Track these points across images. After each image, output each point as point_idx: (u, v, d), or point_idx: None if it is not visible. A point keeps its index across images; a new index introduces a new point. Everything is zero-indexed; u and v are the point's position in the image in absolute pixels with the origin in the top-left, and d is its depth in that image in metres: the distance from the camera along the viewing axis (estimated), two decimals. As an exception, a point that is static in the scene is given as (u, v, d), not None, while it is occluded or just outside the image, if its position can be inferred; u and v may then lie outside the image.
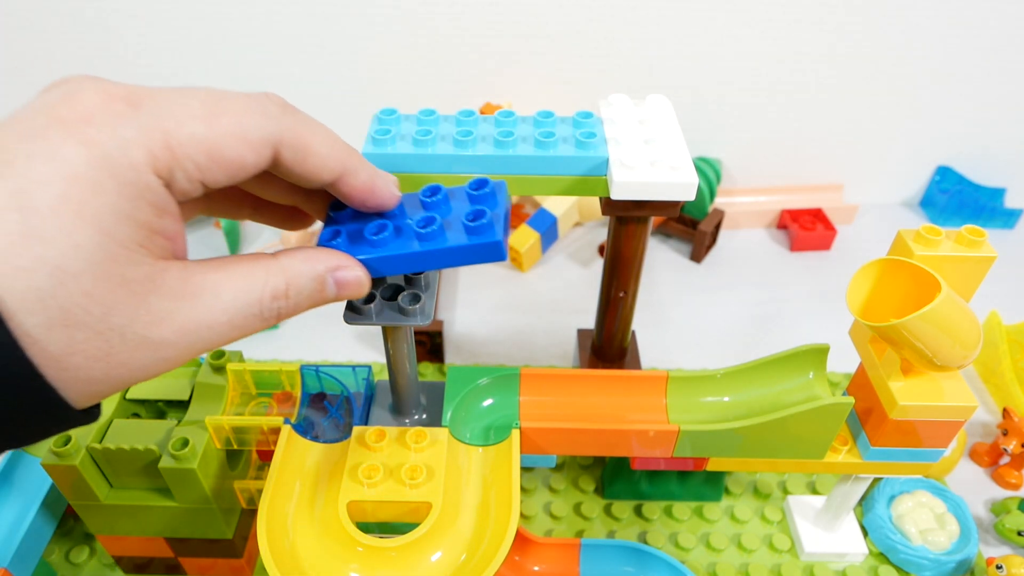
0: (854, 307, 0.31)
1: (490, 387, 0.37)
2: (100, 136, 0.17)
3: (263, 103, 0.20)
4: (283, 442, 0.33)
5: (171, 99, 0.19)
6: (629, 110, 0.37)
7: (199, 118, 0.19)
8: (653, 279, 0.64)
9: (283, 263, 0.22)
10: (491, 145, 0.34)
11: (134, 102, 0.18)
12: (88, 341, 0.17)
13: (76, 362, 0.17)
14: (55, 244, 0.16)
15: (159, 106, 0.18)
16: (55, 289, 0.16)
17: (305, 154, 0.21)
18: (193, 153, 0.18)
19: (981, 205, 0.70)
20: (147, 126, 0.18)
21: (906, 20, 0.62)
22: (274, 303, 0.21)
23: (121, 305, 0.17)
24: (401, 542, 0.29)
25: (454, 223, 0.26)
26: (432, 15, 0.62)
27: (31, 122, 0.17)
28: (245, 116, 0.20)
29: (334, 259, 0.23)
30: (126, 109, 0.18)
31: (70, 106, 0.18)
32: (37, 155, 0.16)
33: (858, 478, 0.39)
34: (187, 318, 0.19)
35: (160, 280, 0.18)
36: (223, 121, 0.19)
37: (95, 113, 0.17)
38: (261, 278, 0.21)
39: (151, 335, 0.18)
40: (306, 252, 0.23)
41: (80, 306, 0.17)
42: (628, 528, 0.44)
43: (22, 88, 0.69)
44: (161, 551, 0.38)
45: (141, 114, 0.18)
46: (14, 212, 0.16)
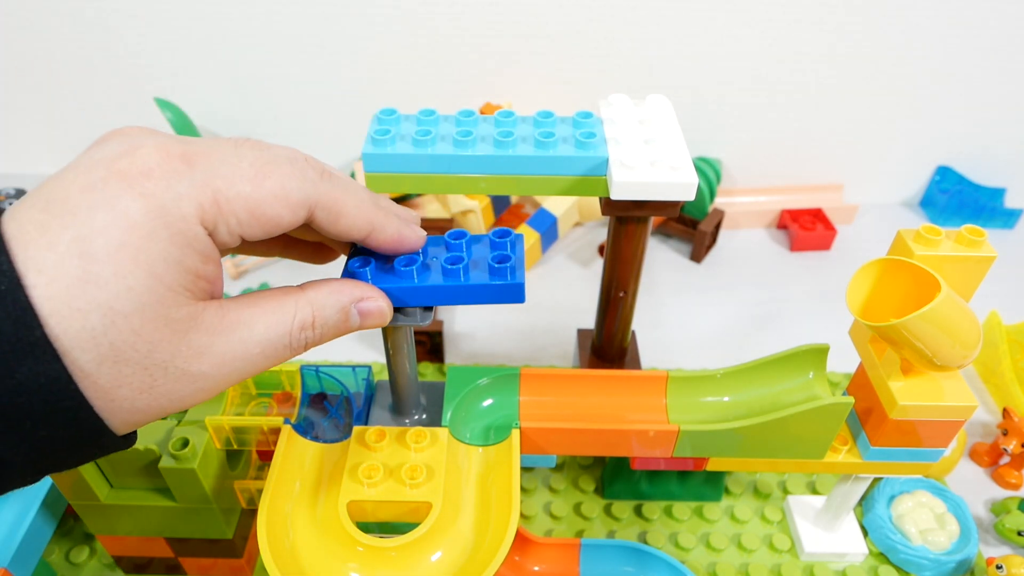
0: (854, 307, 0.31)
1: (490, 387, 0.37)
2: (157, 189, 0.19)
3: (303, 168, 0.22)
4: (283, 442, 0.33)
5: (223, 158, 0.21)
6: (629, 110, 0.37)
7: (247, 179, 0.21)
8: (653, 279, 0.64)
9: (310, 296, 0.24)
10: (491, 145, 0.34)
11: (190, 160, 0.20)
12: (134, 375, 0.19)
13: (123, 394, 0.19)
14: (110, 287, 0.18)
15: (212, 165, 0.20)
16: (107, 328, 0.18)
17: (337, 216, 0.23)
18: (238, 210, 0.20)
19: (981, 205, 0.70)
20: (200, 183, 0.20)
21: (906, 20, 0.62)
22: (302, 334, 0.23)
23: (165, 342, 0.20)
24: (401, 542, 0.29)
25: (479, 263, 0.29)
26: (432, 15, 0.62)
27: (91, 174, 0.19)
28: (287, 180, 0.21)
29: (358, 290, 0.25)
30: (182, 166, 0.20)
31: (130, 160, 0.19)
32: (98, 206, 0.18)
33: (858, 478, 0.39)
34: (223, 351, 0.21)
35: (200, 319, 0.20)
36: (267, 184, 0.21)
37: (154, 169, 0.19)
38: (290, 311, 0.23)
39: (191, 368, 0.20)
40: (331, 284, 0.25)
41: (128, 344, 0.19)
42: (628, 528, 0.44)
43: (22, 88, 0.69)
44: (161, 551, 0.38)
45: (195, 172, 0.20)
46: (75, 258, 0.18)
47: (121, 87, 0.68)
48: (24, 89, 0.69)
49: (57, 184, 0.19)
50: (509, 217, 0.69)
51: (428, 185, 0.34)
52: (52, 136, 0.72)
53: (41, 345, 0.17)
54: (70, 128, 0.72)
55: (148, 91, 0.67)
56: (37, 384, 0.18)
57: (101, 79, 0.67)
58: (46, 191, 0.19)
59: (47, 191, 0.19)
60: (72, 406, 0.18)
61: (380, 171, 0.34)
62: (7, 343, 0.17)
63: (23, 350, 0.17)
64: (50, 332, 0.18)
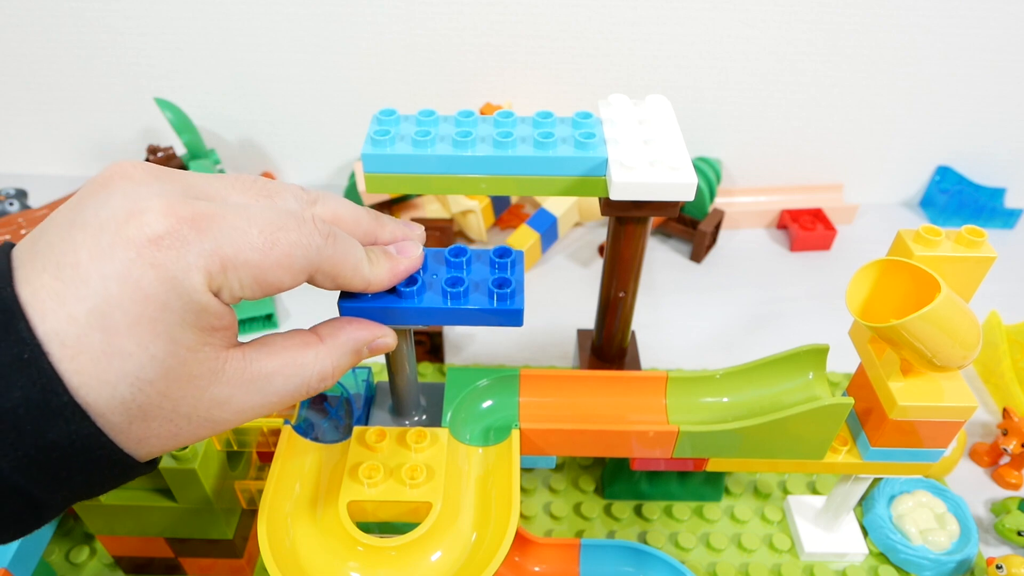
0: (854, 307, 0.31)
1: (490, 388, 0.37)
2: (167, 260, 0.19)
3: (311, 234, 0.23)
4: (283, 443, 0.33)
5: (233, 224, 0.21)
6: (628, 110, 0.37)
7: (256, 248, 0.21)
8: (653, 279, 0.64)
9: (328, 345, 0.25)
10: (490, 146, 0.34)
11: (199, 225, 0.20)
12: (161, 427, 0.21)
13: (151, 443, 0.21)
14: (135, 358, 0.19)
15: (222, 231, 0.20)
16: (135, 395, 0.19)
17: (335, 277, 0.24)
18: (243, 276, 0.21)
19: (981, 205, 0.70)
20: (209, 252, 0.20)
21: (906, 20, 0.62)
22: (320, 384, 0.25)
23: (189, 398, 0.21)
24: (401, 542, 0.30)
25: (480, 285, 0.30)
26: (432, 15, 0.62)
27: (99, 239, 0.19)
28: (294, 248, 0.22)
29: (371, 332, 0.27)
30: (191, 233, 0.20)
31: (138, 226, 0.19)
32: (111, 276, 0.19)
33: (858, 478, 0.39)
34: (243, 401, 0.22)
35: (222, 372, 0.21)
36: (275, 252, 0.21)
37: (163, 237, 0.19)
38: (310, 364, 0.24)
39: (213, 416, 0.22)
40: (347, 329, 0.26)
41: (156, 404, 0.20)
42: (628, 528, 0.44)
43: (22, 88, 0.69)
44: (161, 551, 0.38)
45: (204, 239, 0.20)
46: (98, 332, 0.18)
47: (121, 87, 0.68)
48: (24, 89, 0.69)
49: (66, 246, 0.19)
50: (509, 217, 0.69)
51: (428, 186, 0.34)
52: (52, 136, 0.72)
53: (70, 408, 0.18)
54: (70, 128, 0.72)
55: (148, 91, 0.67)
56: (69, 441, 0.19)
57: (101, 79, 0.67)
58: (55, 253, 0.19)
59: (56, 253, 0.19)
60: (105, 454, 0.20)
61: (380, 172, 0.34)
62: (36, 408, 0.18)
63: (52, 413, 0.18)
64: (80, 400, 0.19)
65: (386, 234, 0.28)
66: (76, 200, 0.20)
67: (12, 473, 0.18)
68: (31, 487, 0.19)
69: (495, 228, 0.69)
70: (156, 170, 0.21)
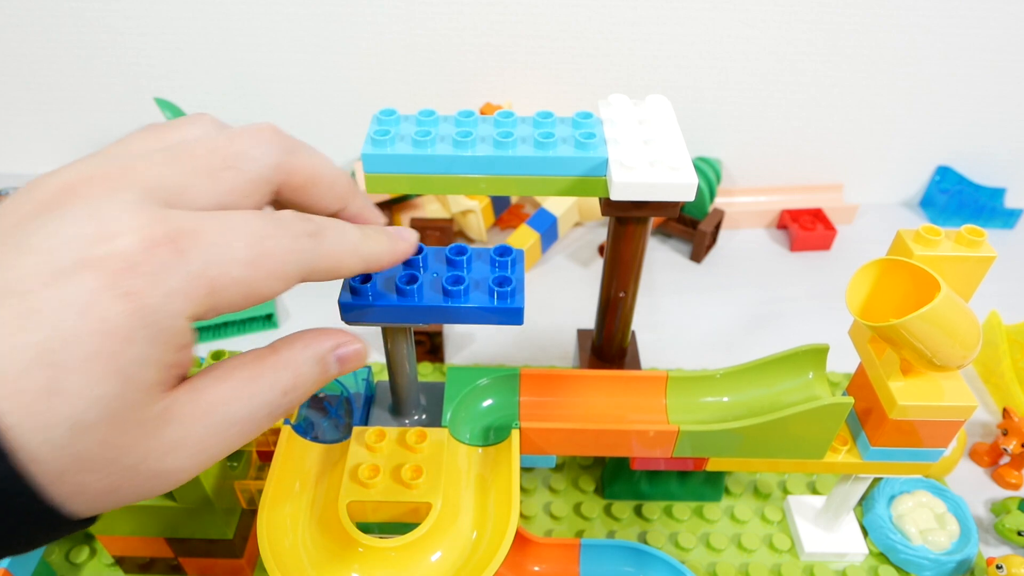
0: (853, 307, 0.31)
1: (490, 387, 0.37)
2: (143, 287, 0.17)
3: (299, 235, 0.20)
4: (283, 442, 0.33)
5: (216, 239, 0.18)
6: (628, 110, 0.37)
7: (243, 262, 0.19)
8: (653, 279, 0.64)
9: (284, 357, 0.22)
10: (491, 146, 0.34)
11: (179, 247, 0.17)
12: (99, 482, 0.17)
13: (85, 499, 0.17)
14: (78, 399, 0.16)
15: (205, 251, 0.18)
16: (72, 441, 0.16)
17: (332, 271, 0.22)
18: (233, 295, 0.19)
19: (981, 205, 0.70)
20: (194, 275, 0.17)
21: (906, 20, 0.62)
22: (285, 399, 0.21)
23: (134, 445, 0.18)
24: (401, 542, 0.30)
25: (481, 284, 0.30)
26: (431, 15, 0.62)
27: (56, 258, 0.16)
28: (285, 255, 0.20)
29: (332, 339, 0.23)
30: (171, 257, 0.17)
31: (108, 249, 0.16)
32: (70, 305, 0.16)
33: (858, 478, 0.39)
34: (199, 440, 0.19)
35: (172, 411, 0.18)
36: (265, 264, 0.19)
37: (138, 262, 0.17)
38: (269, 380, 0.21)
39: (163, 466, 0.18)
40: (305, 339, 0.23)
41: (95, 454, 0.17)
42: (628, 528, 0.44)
43: (22, 88, 0.69)
44: (161, 551, 0.38)
45: (187, 261, 0.17)
46: (46, 368, 0.16)
47: (121, 87, 0.68)
48: (24, 89, 0.69)
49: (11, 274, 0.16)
50: (509, 217, 0.69)
51: (428, 186, 0.34)
52: (52, 136, 0.72)
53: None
54: (70, 128, 0.72)
55: (148, 91, 0.67)
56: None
57: (101, 79, 0.67)
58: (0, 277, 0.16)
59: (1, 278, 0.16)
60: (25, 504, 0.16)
61: (380, 172, 0.34)
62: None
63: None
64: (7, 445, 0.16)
65: (356, 204, 0.26)
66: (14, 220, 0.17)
67: None
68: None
69: (495, 228, 0.69)
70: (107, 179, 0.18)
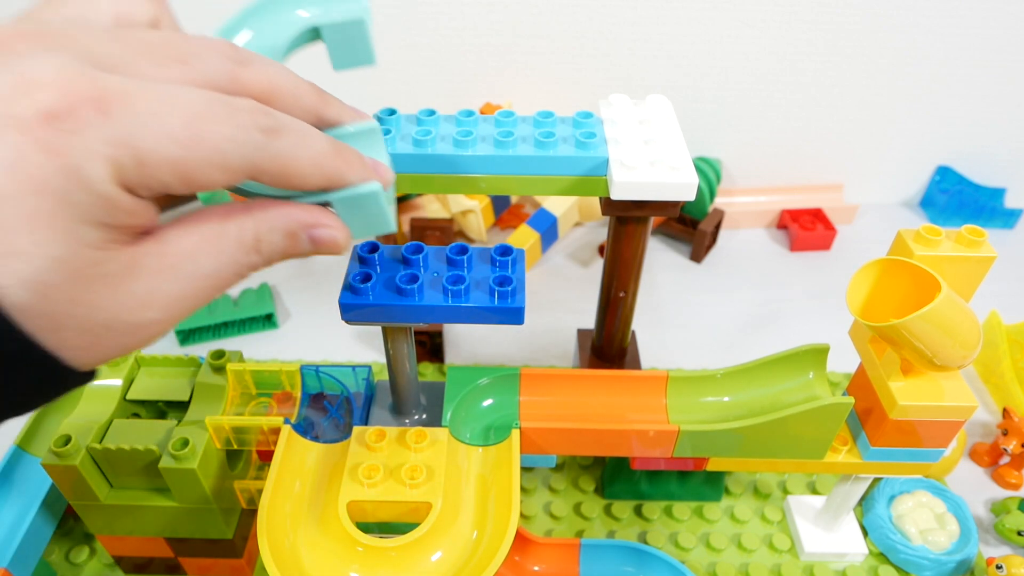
0: (854, 307, 0.31)
1: (490, 387, 0.37)
2: (64, 146, 0.16)
3: (246, 127, 0.19)
4: (283, 442, 0.33)
5: (148, 109, 0.17)
6: (629, 110, 0.37)
7: (176, 139, 0.17)
8: (653, 279, 0.64)
9: (255, 217, 0.21)
10: (491, 145, 0.34)
11: (105, 107, 0.16)
12: (77, 338, 0.17)
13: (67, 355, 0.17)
14: (34, 260, 0.16)
15: (135, 117, 0.17)
16: (39, 302, 0.16)
17: (286, 178, 0.20)
18: (164, 174, 0.17)
19: (981, 205, 0.70)
20: (117, 140, 0.16)
21: (906, 20, 0.62)
22: (247, 258, 0.20)
23: (104, 301, 0.17)
24: (401, 542, 0.30)
25: (481, 283, 0.30)
26: (431, 15, 0.62)
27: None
28: (227, 144, 0.18)
29: (309, 215, 0.22)
30: (94, 115, 0.16)
31: (29, 102, 0.16)
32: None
33: (858, 478, 0.39)
34: (169, 293, 0.19)
35: (140, 264, 0.18)
36: (203, 147, 0.18)
37: (58, 116, 0.16)
38: (234, 235, 0.20)
39: (137, 319, 0.18)
40: (280, 205, 0.21)
41: (65, 312, 0.17)
42: (628, 528, 0.44)
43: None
44: (161, 551, 0.38)
45: (111, 123, 0.16)
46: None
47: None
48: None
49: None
50: (509, 217, 0.69)
51: (428, 185, 0.34)
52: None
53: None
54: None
55: (148, 91, 0.67)
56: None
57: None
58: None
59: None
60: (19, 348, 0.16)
61: (380, 171, 0.34)
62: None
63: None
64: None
65: (331, 112, 0.24)
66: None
67: None
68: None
69: (495, 228, 0.69)
70: (43, 37, 0.17)
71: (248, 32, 0.29)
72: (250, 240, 0.20)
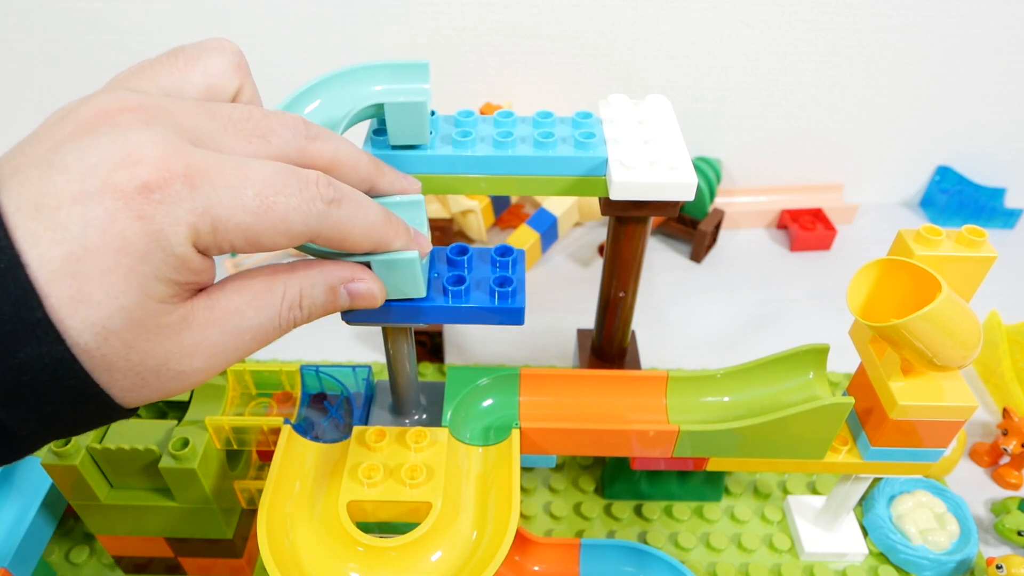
0: (854, 307, 0.31)
1: (490, 387, 0.37)
2: (155, 213, 0.18)
3: (312, 198, 0.21)
4: (283, 442, 0.33)
5: (227, 183, 0.20)
6: (628, 110, 0.37)
7: (250, 211, 0.20)
8: (653, 279, 0.64)
9: (298, 275, 0.23)
10: (490, 146, 0.34)
11: (192, 181, 0.19)
12: (125, 379, 0.19)
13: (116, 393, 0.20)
14: (103, 308, 0.18)
15: (215, 191, 0.19)
16: (100, 345, 0.18)
17: (340, 243, 0.23)
18: (235, 238, 0.20)
19: (981, 205, 0.70)
20: (200, 210, 0.19)
21: (906, 20, 0.62)
22: (290, 314, 0.23)
23: (156, 349, 0.20)
24: (401, 542, 0.30)
25: (481, 284, 0.30)
26: (431, 15, 0.62)
27: (85, 183, 0.18)
28: (293, 214, 0.21)
29: (347, 271, 0.25)
30: (183, 189, 0.19)
31: (129, 174, 0.18)
32: (92, 222, 0.18)
33: (858, 478, 0.39)
34: (215, 344, 0.21)
35: (191, 318, 0.20)
36: (271, 217, 0.20)
37: (153, 189, 0.18)
38: (279, 292, 0.23)
39: (184, 368, 0.20)
40: (321, 264, 0.24)
41: (120, 356, 0.19)
42: (628, 528, 0.44)
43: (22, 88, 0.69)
44: (161, 551, 0.38)
45: (196, 196, 0.19)
46: (69, 278, 0.17)
47: (121, 87, 0.68)
48: (24, 89, 0.69)
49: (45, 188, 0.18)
50: (509, 217, 0.69)
51: (428, 185, 0.34)
52: (52, 136, 0.72)
53: (43, 326, 0.17)
54: (70, 128, 0.71)
55: (148, 91, 0.67)
56: (41, 365, 0.18)
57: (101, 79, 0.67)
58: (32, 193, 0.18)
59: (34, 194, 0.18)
60: (78, 385, 0.18)
61: (380, 171, 0.34)
62: (8, 323, 0.17)
63: (25, 331, 0.17)
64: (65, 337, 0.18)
65: (384, 183, 0.27)
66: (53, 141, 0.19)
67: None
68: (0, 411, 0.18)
69: (495, 228, 0.69)
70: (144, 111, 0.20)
71: (319, 100, 0.32)
72: (294, 297, 0.23)
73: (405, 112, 0.31)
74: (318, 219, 0.21)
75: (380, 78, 0.32)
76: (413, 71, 0.31)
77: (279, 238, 0.21)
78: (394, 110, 0.31)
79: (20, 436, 0.19)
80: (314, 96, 0.31)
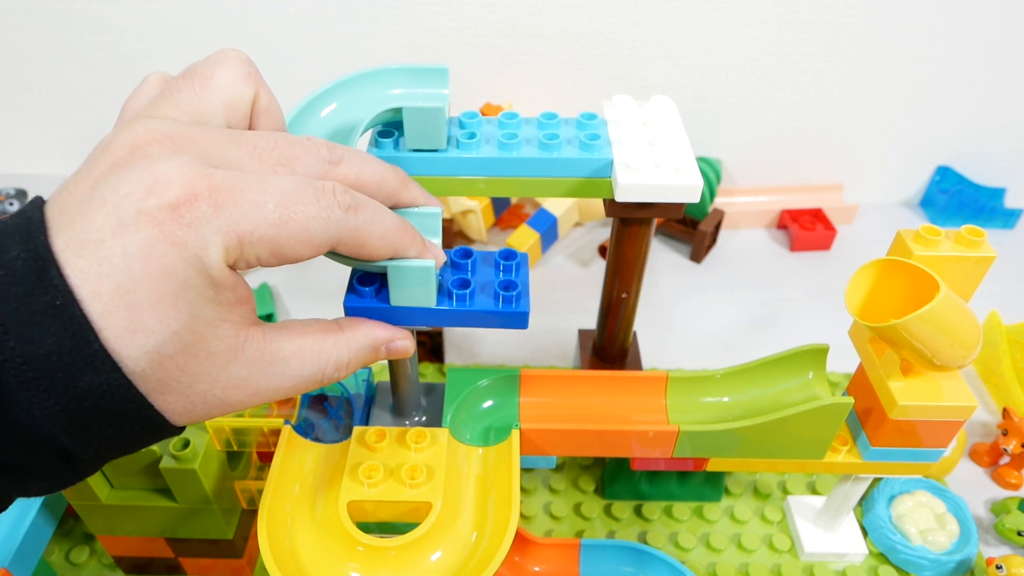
0: (853, 307, 0.31)
1: (490, 388, 0.37)
2: (188, 238, 0.19)
3: (330, 206, 0.22)
4: (283, 443, 0.33)
5: (249, 199, 0.21)
6: (633, 111, 0.37)
7: (272, 223, 0.21)
8: (653, 279, 0.64)
9: (348, 337, 0.25)
10: (495, 147, 0.34)
11: (216, 200, 0.20)
12: (177, 401, 0.21)
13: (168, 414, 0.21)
14: (156, 335, 0.19)
15: (238, 207, 0.20)
16: (155, 369, 0.20)
17: (360, 248, 0.24)
18: (259, 250, 0.21)
19: (981, 205, 0.70)
20: (226, 228, 0.20)
21: (906, 20, 0.62)
22: (335, 374, 0.25)
23: (205, 375, 0.21)
24: (401, 542, 0.30)
25: (486, 288, 0.30)
26: (431, 15, 0.62)
27: (121, 212, 0.19)
28: (312, 222, 0.22)
29: (392, 332, 0.27)
30: (208, 210, 0.20)
31: (158, 200, 0.19)
32: (135, 255, 0.19)
33: (858, 478, 0.39)
34: (259, 383, 0.23)
35: (241, 352, 0.22)
36: (292, 227, 0.21)
37: (182, 213, 0.19)
38: (328, 351, 0.25)
39: (227, 398, 0.22)
40: (369, 325, 0.27)
41: (173, 379, 0.20)
42: (628, 528, 0.44)
43: (22, 88, 0.69)
44: (161, 551, 0.38)
45: (222, 215, 0.20)
46: (122, 310, 0.19)
47: (121, 87, 0.68)
48: (24, 89, 0.69)
49: (88, 225, 0.19)
50: (509, 217, 0.69)
51: (431, 187, 0.34)
52: (52, 136, 0.72)
53: (100, 356, 0.19)
54: (70, 128, 0.72)
55: (148, 91, 0.67)
56: (100, 392, 0.19)
57: (101, 79, 0.67)
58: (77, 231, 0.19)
59: (78, 231, 0.19)
60: (135, 408, 0.20)
61: (381, 172, 0.34)
62: (68, 356, 0.18)
63: (83, 362, 0.18)
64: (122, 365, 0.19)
65: (407, 197, 0.27)
66: (94, 177, 0.20)
67: (44, 422, 0.19)
68: (63, 437, 0.19)
69: (495, 228, 0.69)
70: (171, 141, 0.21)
71: (336, 103, 0.32)
72: (341, 360, 0.25)
73: (424, 117, 0.31)
74: (337, 225, 0.22)
75: (399, 82, 0.32)
76: (432, 76, 0.32)
77: (302, 248, 0.22)
78: (412, 115, 0.31)
79: (83, 459, 0.20)
80: (331, 99, 0.31)
